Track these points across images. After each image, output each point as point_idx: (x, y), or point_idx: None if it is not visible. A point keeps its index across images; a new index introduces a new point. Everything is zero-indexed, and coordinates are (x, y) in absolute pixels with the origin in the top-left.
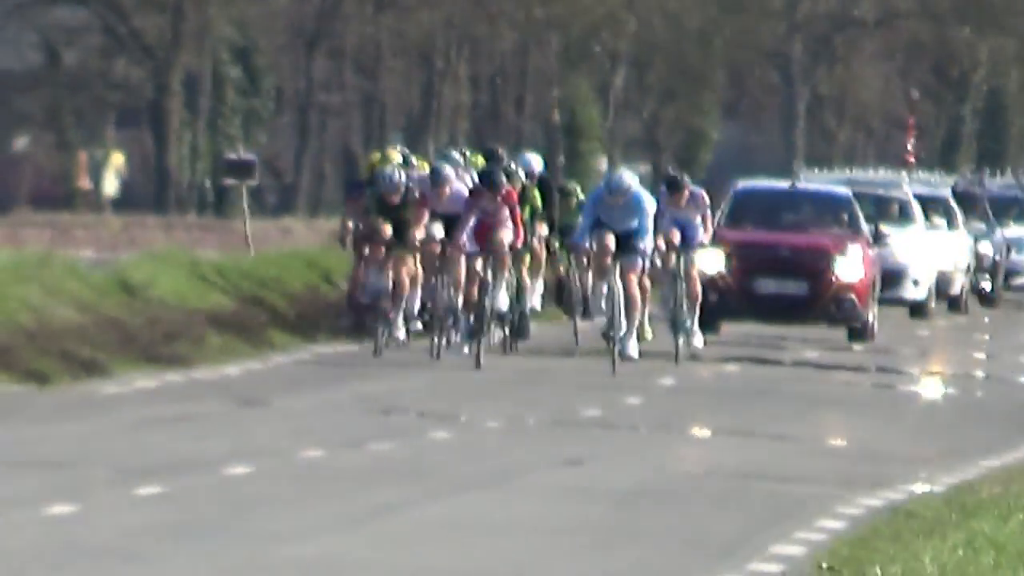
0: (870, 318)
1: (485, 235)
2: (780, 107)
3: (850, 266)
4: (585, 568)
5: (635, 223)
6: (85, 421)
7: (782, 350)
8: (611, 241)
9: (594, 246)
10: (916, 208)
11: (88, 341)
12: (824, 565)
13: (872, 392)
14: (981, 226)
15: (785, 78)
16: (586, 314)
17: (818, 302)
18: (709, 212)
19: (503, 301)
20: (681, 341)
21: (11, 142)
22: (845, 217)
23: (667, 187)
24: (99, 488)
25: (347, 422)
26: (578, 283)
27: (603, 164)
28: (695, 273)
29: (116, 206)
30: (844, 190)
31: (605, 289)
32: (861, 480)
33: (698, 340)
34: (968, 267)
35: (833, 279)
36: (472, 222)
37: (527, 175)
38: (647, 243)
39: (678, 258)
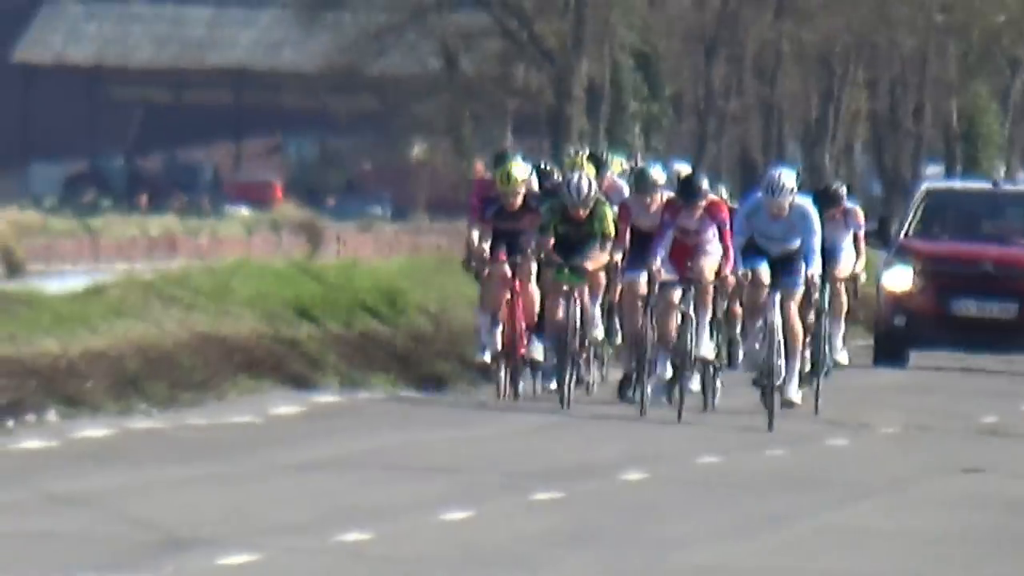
0: None
1: (682, 259)
2: None
3: None
4: None
5: (798, 242)
6: (481, 426)
7: None
8: (766, 273)
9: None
10: None
11: None
12: None
13: None
14: None
15: None
16: (731, 363)
17: None
18: (863, 233)
19: (706, 347)
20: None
21: (410, 149)
22: None
23: (820, 200)
24: (494, 493)
25: (745, 428)
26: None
27: (1001, 171)
28: (841, 303)
29: None
30: None
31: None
32: None
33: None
34: None
35: None
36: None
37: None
38: (815, 268)
39: (822, 287)
